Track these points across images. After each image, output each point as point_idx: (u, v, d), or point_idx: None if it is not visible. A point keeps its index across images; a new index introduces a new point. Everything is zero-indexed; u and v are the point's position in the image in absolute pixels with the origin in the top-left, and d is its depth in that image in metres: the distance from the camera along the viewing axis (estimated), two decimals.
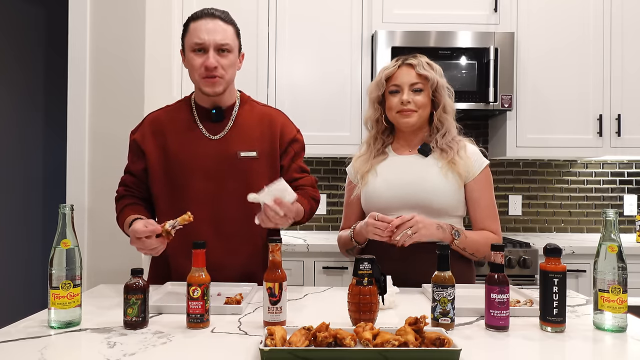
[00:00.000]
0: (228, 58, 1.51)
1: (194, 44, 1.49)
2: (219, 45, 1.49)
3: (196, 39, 1.48)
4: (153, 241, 1.32)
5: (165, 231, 1.31)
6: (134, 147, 1.61)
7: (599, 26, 2.70)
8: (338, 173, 3.05)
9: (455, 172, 1.57)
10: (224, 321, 1.17)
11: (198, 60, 1.49)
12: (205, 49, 1.48)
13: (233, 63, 1.54)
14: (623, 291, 1.11)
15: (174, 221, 1.31)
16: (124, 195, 1.59)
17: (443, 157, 1.59)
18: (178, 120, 1.59)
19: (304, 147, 1.68)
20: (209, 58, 1.48)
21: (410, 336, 0.94)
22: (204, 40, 1.48)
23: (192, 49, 1.50)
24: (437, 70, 1.63)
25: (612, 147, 2.69)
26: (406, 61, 1.62)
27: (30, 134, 3.26)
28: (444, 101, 1.61)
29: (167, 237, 1.33)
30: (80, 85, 2.31)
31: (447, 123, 1.62)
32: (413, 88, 1.60)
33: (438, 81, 1.60)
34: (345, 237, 1.68)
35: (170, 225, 1.31)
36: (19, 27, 3.18)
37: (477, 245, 1.55)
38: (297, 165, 1.64)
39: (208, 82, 1.50)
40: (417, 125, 1.63)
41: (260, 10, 2.69)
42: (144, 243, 1.32)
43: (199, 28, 1.49)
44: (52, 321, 1.12)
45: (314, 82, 2.71)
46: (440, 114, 1.62)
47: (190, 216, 1.31)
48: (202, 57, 1.49)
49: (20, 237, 3.15)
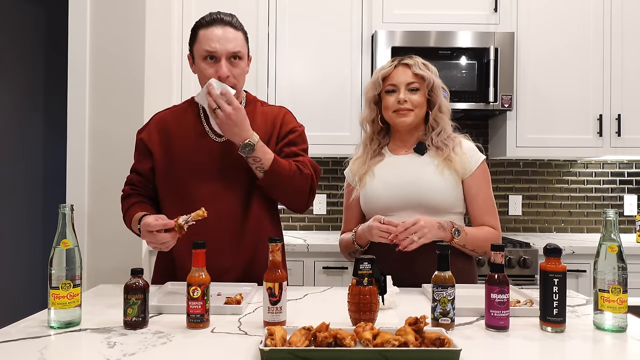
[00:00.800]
0: (239, 66, 1.50)
1: (205, 51, 1.47)
2: (230, 53, 1.47)
3: (207, 47, 1.46)
4: (165, 235, 1.33)
5: (178, 226, 1.31)
6: (140, 146, 1.60)
7: (599, 26, 2.70)
8: (338, 173, 3.05)
9: (452, 169, 1.57)
10: (224, 321, 1.17)
11: (210, 70, 1.47)
12: (217, 58, 1.47)
13: (244, 71, 1.53)
14: (623, 291, 1.11)
15: (187, 216, 1.31)
16: (131, 194, 1.59)
17: (439, 154, 1.60)
18: (184, 121, 1.59)
19: (304, 139, 1.64)
20: (221, 67, 1.46)
21: (410, 336, 0.94)
22: (215, 49, 1.46)
23: (203, 57, 1.48)
24: (432, 70, 1.64)
25: (612, 147, 2.69)
26: (402, 61, 1.63)
27: (30, 134, 3.26)
28: (440, 101, 1.62)
29: (179, 232, 1.33)
30: (80, 85, 2.31)
31: (442, 122, 1.63)
32: (409, 87, 1.61)
33: (434, 81, 1.61)
34: (347, 240, 1.68)
35: (183, 220, 1.31)
36: (20, 27, 3.19)
37: (477, 242, 1.56)
38: (290, 150, 1.57)
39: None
40: (413, 124, 1.63)
41: (260, 10, 2.69)
42: (155, 237, 1.33)
43: (209, 36, 1.47)
44: (52, 321, 1.12)
45: (314, 82, 2.71)
46: (436, 114, 1.63)
47: (205, 212, 1.31)
48: (213, 67, 1.47)
49: (20, 237, 3.15)
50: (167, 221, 1.33)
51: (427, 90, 1.62)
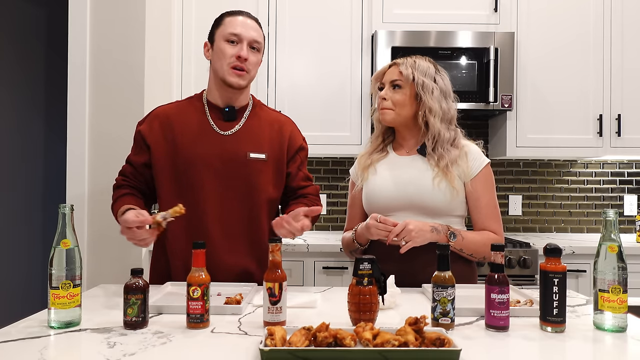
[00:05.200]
0: (257, 56, 1.57)
1: (230, 34, 1.53)
2: (252, 41, 1.54)
3: (232, 30, 1.53)
4: (143, 232, 1.33)
5: (155, 222, 1.31)
6: (138, 138, 1.60)
7: (599, 26, 2.70)
8: (338, 173, 3.05)
9: (450, 179, 1.53)
10: (224, 321, 1.17)
11: (231, 50, 1.52)
12: (240, 41, 1.53)
13: (259, 62, 1.59)
14: (623, 291, 1.11)
15: (165, 213, 1.32)
16: (122, 185, 1.60)
17: (438, 164, 1.56)
18: (188, 115, 1.59)
19: (307, 154, 1.72)
20: (242, 49, 1.52)
21: (410, 336, 0.94)
22: (240, 33, 1.52)
23: (226, 39, 1.53)
24: (421, 70, 1.58)
25: (612, 147, 2.69)
26: (395, 61, 1.65)
27: (30, 135, 3.26)
28: (430, 103, 1.56)
29: (157, 229, 1.33)
30: (80, 85, 2.31)
31: (432, 126, 1.57)
32: (392, 84, 1.61)
33: (421, 80, 1.56)
34: (348, 238, 1.68)
35: (161, 217, 1.31)
36: (20, 27, 3.19)
37: (475, 246, 1.54)
38: (304, 174, 1.67)
39: (236, 72, 1.53)
40: (396, 123, 1.62)
41: (260, 10, 2.69)
42: (134, 233, 1.33)
43: (235, 22, 1.54)
44: (52, 321, 1.12)
45: (314, 82, 2.71)
46: (423, 115, 1.58)
47: (182, 208, 1.32)
48: (235, 48, 1.53)
49: (20, 237, 3.15)
50: (145, 218, 1.33)
51: (415, 91, 1.58)
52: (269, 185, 1.58)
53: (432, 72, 1.60)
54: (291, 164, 1.63)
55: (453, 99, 1.63)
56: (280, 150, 1.61)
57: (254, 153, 1.56)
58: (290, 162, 1.63)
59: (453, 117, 1.62)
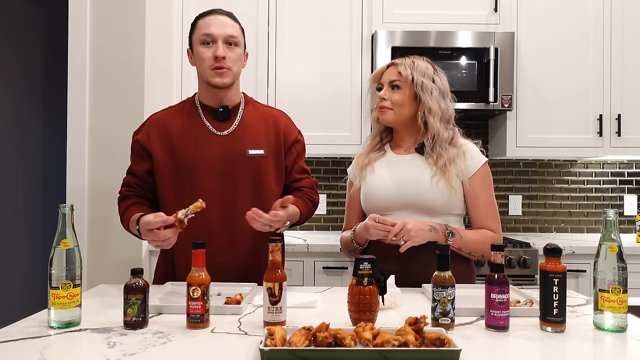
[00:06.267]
0: (235, 51, 1.55)
1: (204, 35, 1.53)
2: (227, 37, 1.53)
3: (205, 31, 1.52)
4: (166, 232, 1.33)
5: (178, 220, 1.31)
6: (137, 147, 1.60)
7: (599, 26, 2.70)
8: (338, 173, 3.05)
9: (448, 178, 1.54)
10: (224, 321, 1.17)
11: (207, 52, 1.53)
12: (214, 41, 1.52)
13: (240, 57, 1.58)
14: (623, 291, 1.11)
15: (186, 210, 1.31)
16: (128, 196, 1.59)
17: (436, 163, 1.56)
18: (184, 119, 1.60)
19: (304, 147, 1.71)
20: (218, 49, 1.52)
21: (410, 336, 0.94)
22: (212, 32, 1.52)
23: (201, 42, 1.53)
24: (420, 70, 1.59)
25: (612, 147, 2.69)
26: (394, 61, 1.64)
27: (30, 134, 3.26)
28: (429, 103, 1.57)
29: (180, 227, 1.32)
30: (80, 85, 2.31)
31: (431, 126, 1.57)
32: (391, 85, 1.61)
33: (421, 81, 1.57)
34: (347, 238, 1.68)
35: (182, 214, 1.31)
36: (19, 27, 3.19)
37: (473, 245, 1.55)
38: (299, 166, 1.66)
39: (217, 72, 1.52)
40: (395, 123, 1.63)
41: (260, 10, 2.69)
42: (157, 235, 1.33)
43: (207, 22, 1.54)
44: (52, 321, 1.12)
45: (314, 82, 2.71)
46: (422, 115, 1.59)
47: (202, 203, 1.31)
48: (210, 49, 1.53)
49: (20, 237, 3.15)
50: (166, 217, 1.33)
51: (414, 91, 1.58)
52: (271, 181, 1.58)
53: (430, 72, 1.61)
54: (287, 157, 1.63)
55: (451, 99, 1.64)
56: (278, 144, 1.61)
57: (252, 149, 1.56)
58: (286, 155, 1.63)
59: (451, 117, 1.63)
